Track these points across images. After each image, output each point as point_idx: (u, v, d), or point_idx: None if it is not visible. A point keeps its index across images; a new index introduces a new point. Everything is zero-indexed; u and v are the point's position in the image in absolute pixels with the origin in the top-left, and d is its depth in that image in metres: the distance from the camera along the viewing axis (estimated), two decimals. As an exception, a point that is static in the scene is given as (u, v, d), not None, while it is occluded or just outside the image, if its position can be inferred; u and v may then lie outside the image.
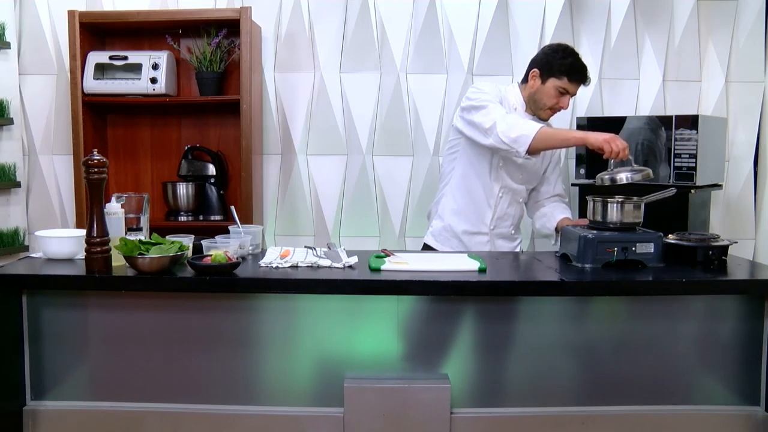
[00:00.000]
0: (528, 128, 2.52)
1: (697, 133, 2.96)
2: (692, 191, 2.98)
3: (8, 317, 2.13)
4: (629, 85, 3.63)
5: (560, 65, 2.70)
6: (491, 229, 2.83)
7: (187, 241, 2.28)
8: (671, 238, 2.40)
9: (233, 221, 2.54)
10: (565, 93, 2.71)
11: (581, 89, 2.81)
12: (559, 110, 2.77)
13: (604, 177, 2.39)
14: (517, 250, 2.93)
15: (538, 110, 2.78)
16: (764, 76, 3.61)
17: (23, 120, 3.58)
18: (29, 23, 3.53)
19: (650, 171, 2.35)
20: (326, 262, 2.25)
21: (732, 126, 3.63)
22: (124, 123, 3.65)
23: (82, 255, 2.19)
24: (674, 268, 2.25)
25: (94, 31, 3.48)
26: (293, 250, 2.40)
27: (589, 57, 3.58)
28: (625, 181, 2.33)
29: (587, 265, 2.25)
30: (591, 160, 3.31)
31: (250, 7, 3.28)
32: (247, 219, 3.21)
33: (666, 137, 3.05)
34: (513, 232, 2.90)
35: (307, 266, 2.22)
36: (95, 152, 2.11)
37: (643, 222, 2.36)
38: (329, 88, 3.56)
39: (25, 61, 3.55)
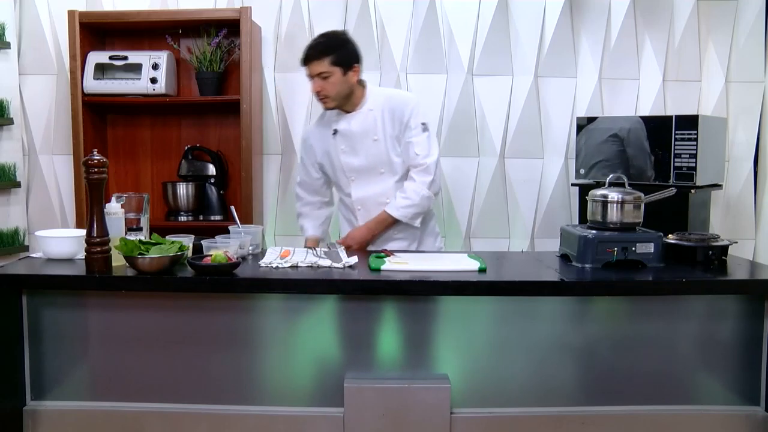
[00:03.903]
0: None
1: (697, 133, 2.96)
2: (692, 191, 2.98)
3: (8, 317, 2.13)
4: (629, 85, 3.63)
5: None
6: None
7: (187, 241, 2.28)
8: (671, 238, 2.40)
9: (233, 221, 2.54)
10: (310, 78, 2.63)
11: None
12: (318, 98, 2.64)
13: (596, 193, 2.38)
14: (430, 244, 2.79)
15: None
16: (764, 76, 3.61)
17: (23, 120, 3.58)
18: (29, 23, 3.53)
19: (642, 195, 2.35)
20: (326, 262, 2.25)
21: (732, 126, 3.63)
22: (124, 123, 3.65)
23: (82, 255, 2.18)
24: (674, 268, 2.25)
25: (94, 31, 3.48)
26: (293, 250, 2.40)
27: (588, 57, 3.60)
28: (616, 200, 2.32)
29: (587, 265, 2.25)
30: (589, 161, 3.31)
31: (250, 7, 3.29)
32: (247, 219, 3.21)
33: (664, 137, 3.05)
34: (394, 232, 2.72)
35: (307, 266, 2.22)
36: (95, 152, 2.11)
37: (643, 222, 2.36)
38: (329, 88, 3.56)
39: (25, 61, 3.55)
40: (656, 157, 3.08)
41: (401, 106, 2.67)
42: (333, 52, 2.57)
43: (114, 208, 2.23)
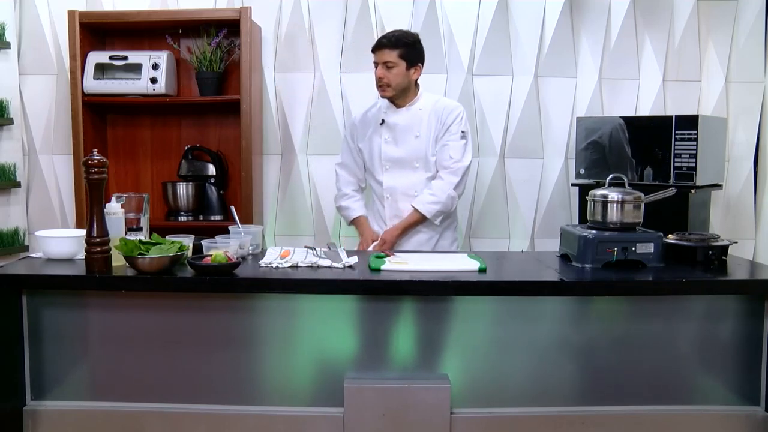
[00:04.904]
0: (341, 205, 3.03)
1: (697, 133, 2.96)
2: (692, 191, 2.98)
3: (8, 317, 2.13)
4: (629, 85, 3.63)
5: None
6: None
7: (187, 241, 2.28)
8: (671, 238, 2.40)
9: (233, 221, 2.54)
10: (375, 65, 2.83)
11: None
12: (379, 84, 2.81)
13: (596, 193, 2.38)
14: (442, 244, 2.91)
15: None
16: (764, 76, 3.61)
17: (23, 120, 3.58)
18: (29, 23, 3.53)
19: (642, 195, 2.35)
20: (326, 262, 2.25)
21: (732, 126, 3.63)
22: (124, 123, 3.65)
23: (82, 255, 2.19)
24: (674, 268, 2.25)
25: (94, 31, 3.48)
26: (293, 250, 2.40)
27: (588, 57, 3.60)
28: (616, 200, 2.33)
29: (587, 265, 2.25)
30: (590, 161, 3.31)
31: (250, 7, 3.28)
32: (247, 219, 3.21)
33: (664, 137, 3.05)
34: (420, 225, 2.87)
35: (307, 266, 2.22)
36: (95, 152, 2.11)
37: (643, 222, 2.36)
38: (329, 88, 3.56)
39: (25, 61, 3.55)
40: (656, 157, 3.08)
41: (447, 110, 2.87)
42: (403, 47, 2.79)
43: (114, 208, 2.23)
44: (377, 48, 2.80)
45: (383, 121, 2.90)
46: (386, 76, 2.78)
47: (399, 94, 2.84)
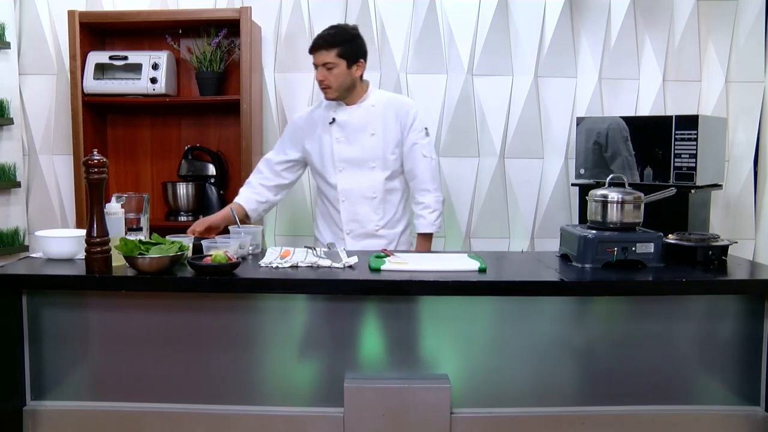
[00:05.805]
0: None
1: (697, 133, 2.96)
2: (692, 191, 2.98)
3: (8, 317, 2.13)
4: (629, 85, 3.63)
5: None
6: (347, 233, 2.80)
7: (187, 241, 2.28)
8: (671, 238, 2.40)
9: (233, 221, 2.54)
10: (315, 67, 2.69)
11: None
12: (320, 86, 2.70)
13: (596, 193, 2.37)
14: (402, 240, 2.83)
15: None
16: (764, 76, 3.61)
17: (23, 120, 3.58)
18: (29, 23, 3.53)
19: (642, 195, 2.35)
20: (326, 262, 2.25)
21: (732, 126, 3.63)
22: (124, 123, 3.65)
23: (82, 255, 2.18)
24: (674, 268, 2.25)
25: (94, 31, 3.48)
26: (293, 250, 2.40)
27: (588, 57, 3.60)
28: (616, 200, 2.33)
29: (587, 265, 2.25)
30: (590, 161, 3.31)
31: (250, 7, 3.29)
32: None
33: (664, 137, 3.05)
34: (376, 229, 2.79)
35: (307, 266, 2.22)
36: (95, 152, 2.11)
37: (643, 222, 2.36)
38: (329, 88, 3.56)
39: (25, 61, 3.55)
40: (656, 157, 3.08)
41: (405, 108, 2.77)
42: (340, 45, 2.64)
43: (114, 208, 2.23)
44: (313, 50, 2.66)
45: (333, 119, 2.74)
46: (327, 77, 2.64)
47: (344, 94, 2.70)
